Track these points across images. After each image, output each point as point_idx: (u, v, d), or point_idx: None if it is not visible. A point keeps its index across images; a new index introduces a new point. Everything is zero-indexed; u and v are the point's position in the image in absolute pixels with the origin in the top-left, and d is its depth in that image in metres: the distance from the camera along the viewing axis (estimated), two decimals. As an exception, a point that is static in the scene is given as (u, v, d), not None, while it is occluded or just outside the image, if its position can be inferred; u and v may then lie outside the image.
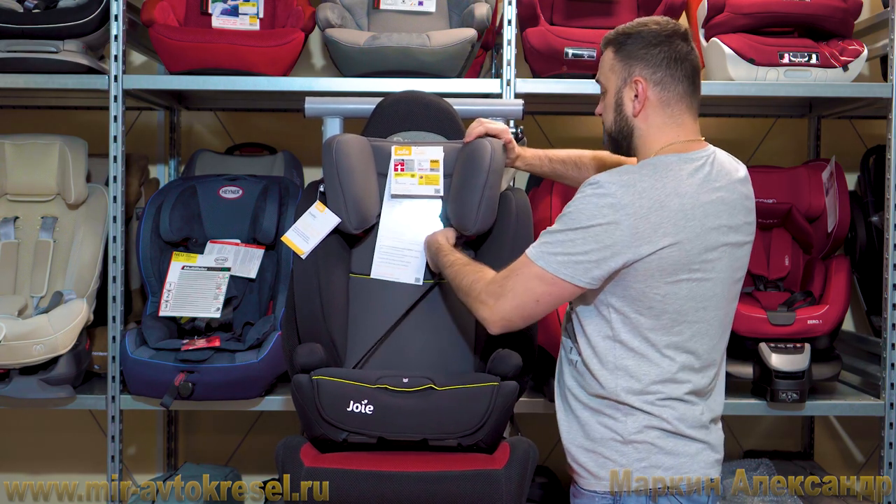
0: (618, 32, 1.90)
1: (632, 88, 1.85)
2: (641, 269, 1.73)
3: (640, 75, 1.84)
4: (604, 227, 1.72)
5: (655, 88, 1.84)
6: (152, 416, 3.38)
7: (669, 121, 1.86)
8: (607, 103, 1.91)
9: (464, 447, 1.90)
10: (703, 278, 1.76)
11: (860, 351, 3.08)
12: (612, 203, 1.72)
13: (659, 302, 1.74)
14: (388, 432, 1.87)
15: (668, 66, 1.84)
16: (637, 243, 1.71)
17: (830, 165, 2.99)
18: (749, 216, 1.85)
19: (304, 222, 2.18)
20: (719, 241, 1.77)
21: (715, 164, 1.83)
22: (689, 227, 1.73)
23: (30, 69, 2.76)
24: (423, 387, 1.88)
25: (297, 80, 2.80)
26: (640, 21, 1.90)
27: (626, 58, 1.86)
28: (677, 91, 1.86)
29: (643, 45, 1.85)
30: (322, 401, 1.87)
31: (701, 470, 1.78)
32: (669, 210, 1.72)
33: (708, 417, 1.82)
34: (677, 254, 1.73)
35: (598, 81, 1.94)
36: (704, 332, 1.79)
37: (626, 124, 1.87)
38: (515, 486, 1.83)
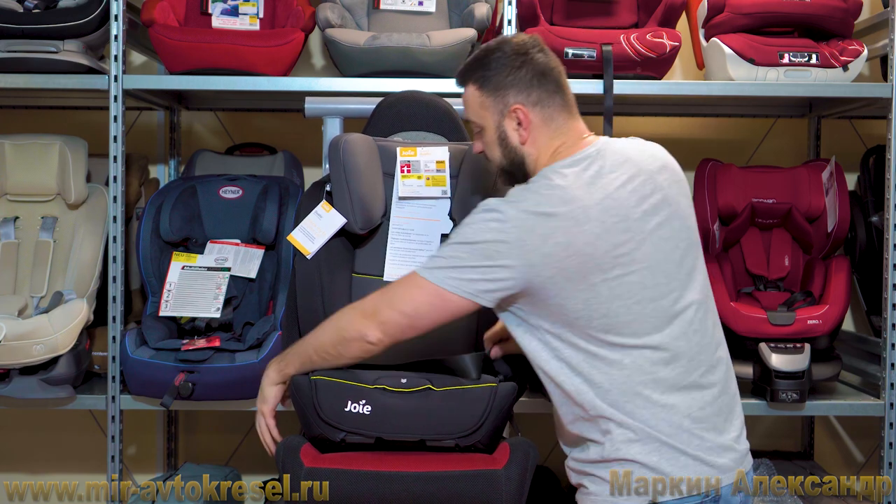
0: (473, 66, 1.86)
1: (512, 118, 1.82)
2: (548, 285, 1.70)
3: (517, 102, 1.81)
4: (490, 243, 1.71)
5: (535, 109, 1.82)
6: (152, 416, 3.39)
7: (555, 133, 1.83)
8: (488, 140, 1.87)
9: (462, 448, 1.90)
10: (623, 273, 1.72)
11: (860, 351, 3.08)
12: (499, 218, 1.71)
13: (582, 310, 1.71)
14: (386, 433, 1.87)
15: (539, 83, 1.81)
16: (528, 258, 1.69)
17: (830, 165, 2.99)
18: (669, 189, 1.80)
19: (309, 222, 2.18)
20: (632, 231, 1.73)
21: (608, 156, 1.78)
22: (587, 231, 1.70)
23: (30, 69, 2.76)
24: (422, 387, 1.89)
25: (297, 80, 2.80)
26: (486, 48, 1.86)
27: (494, 90, 1.83)
28: (555, 103, 1.83)
29: (507, 71, 1.82)
30: (320, 401, 1.87)
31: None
32: (559, 219, 1.70)
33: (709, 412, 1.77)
34: (579, 259, 1.69)
35: (470, 121, 1.90)
36: (653, 325, 1.74)
37: (515, 154, 1.85)
38: (515, 486, 1.83)
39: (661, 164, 1.83)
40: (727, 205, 2.99)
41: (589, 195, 1.72)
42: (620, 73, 2.77)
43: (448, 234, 2.24)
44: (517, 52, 1.83)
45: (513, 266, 1.70)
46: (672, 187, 1.82)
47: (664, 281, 1.75)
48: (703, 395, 1.77)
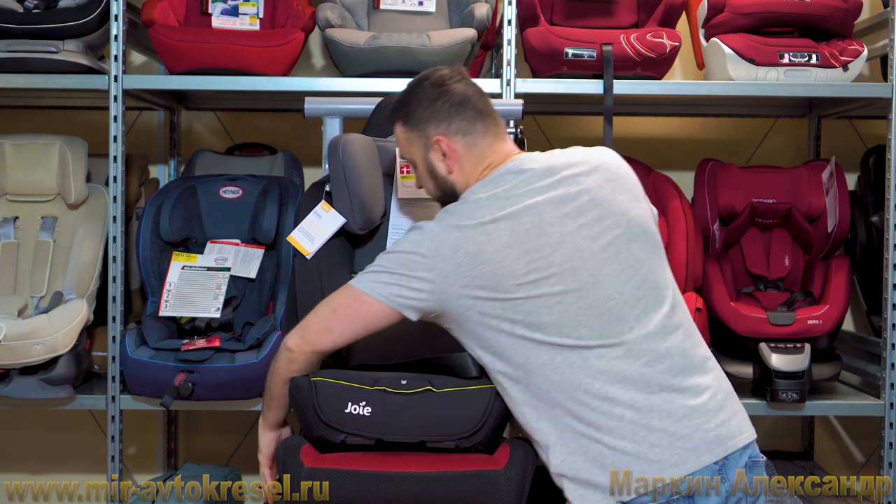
0: (396, 105, 1.94)
1: (437, 150, 1.89)
2: (464, 295, 1.76)
3: (438, 134, 1.88)
4: (409, 254, 1.79)
5: (457, 138, 1.88)
6: (152, 416, 3.39)
7: (480, 159, 1.89)
8: (420, 174, 1.95)
9: (462, 448, 1.90)
10: (539, 278, 1.75)
11: (860, 351, 3.08)
12: (419, 233, 1.80)
13: (503, 314, 1.76)
14: (387, 434, 1.87)
15: (457, 113, 1.88)
16: (442, 268, 1.76)
17: (830, 165, 2.99)
18: (600, 190, 1.83)
19: (309, 222, 2.19)
20: (547, 236, 1.77)
21: (526, 169, 1.84)
22: (494, 239, 1.76)
23: (30, 69, 2.76)
24: (422, 388, 1.88)
25: (297, 80, 2.80)
26: (409, 85, 1.95)
27: (416, 125, 1.90)
28: (476, 130, 1.89)
29: (425, 105, 1.89)
30: (320, 402, 1.87)
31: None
32: (468, 230, 1.76)
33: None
34: (490, 267, 1.75)
35: (404, 158, 1.99)
36: (581, 322, 1.76)
37: (445, 184, 1.92)
38: (515, 487, 1.83)
39: (590, 167, 1.86)
40: (727, 205, 2.99)
41: (500, 207, 1.79)
42: (620, 73, 2.77)
43: None
44: (435, 85, 1.91)
45: (429, 279, 1.77)
46: (604, 187, 1.84)
47: (591, 280, 1.77)
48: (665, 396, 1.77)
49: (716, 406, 1.78)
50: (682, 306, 1.87)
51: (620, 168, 1.91)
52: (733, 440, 1.77)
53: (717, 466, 1.74)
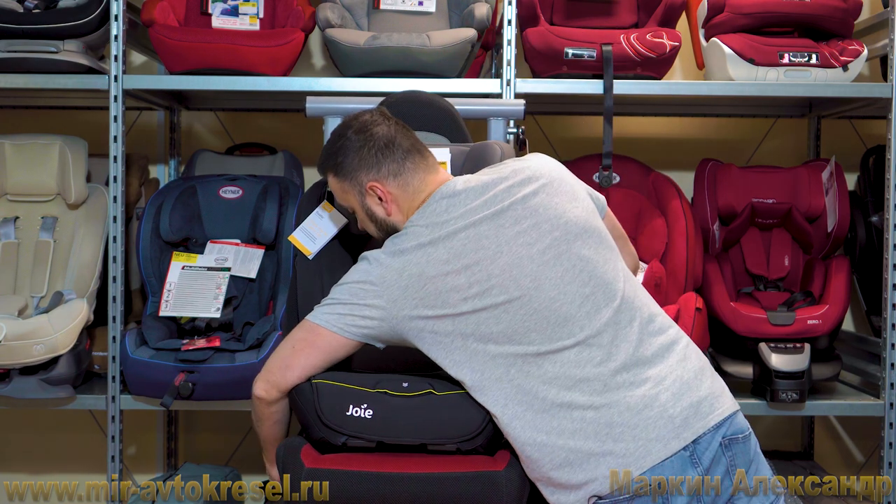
0: (325, 158, 1.97)
1: (372, 195, 1.92)
2: (416, 318, 1.80)
3: (370, 181, 1.91)
4: (358, 283, 1.83)
5: (389, 180, 1.91)
6: (152, 416, 3.39)
7: (414, 195, 1.92)
8: (361, 219, 1.99)
9: (463, 451, 1.90)
10: (482, 290, 1.78)
11: (860, 351, 3.08)
12: (367, 263, 1.84)
13: (453, 331, 1.79)
14: (388, 437, 1.87)
15: (384, 157, 1.91)
16: (389, 294, 1.80)
17: (830, 165, 3.00)
18: (536, 197, 1.85)
19: (311, 222, 2.19)
20: (484, 249, 1.80)
21: (458, 191, 1.87)
22: (434, 258, 1.80)
23: (30, 69, 2.76)
24: (423, 391, 1.88)
25: (297, 80, 2.80)
26: (333, 135, 1.98)
27: (347, 175, 1.93)
28: (406, 167, 1.92)
29: (352, 155, 1.92)
30: (321, 404, 1.87)
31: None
32: (409, 253, 1.81)
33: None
34: (434, 286, 1.78)
35: (343, 206, 2.03)
36: (531, 325, 1.77)
37: (387, 225, 1.95)
38: (516, 488, 1.83)
39: (523, 177, 1.88)
40: (727, 205, 2.99)
41: (437, 229, 1.83)
42: (620, 73, 2.77)
43: None
44: (358, 132, 1.93)
45: (378, 306, 1.81)
46: (538, 193, 1.86)
47: (533, 285, 1.79)
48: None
49: (680, 390, 1.77)
50: (638, 296, 1.86)
51: (553, 172, 1.92)
52: (702, 421, 1.76)
53: (687, 452, 1.74)
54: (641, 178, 3.01)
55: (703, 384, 1.81)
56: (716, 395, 1.80)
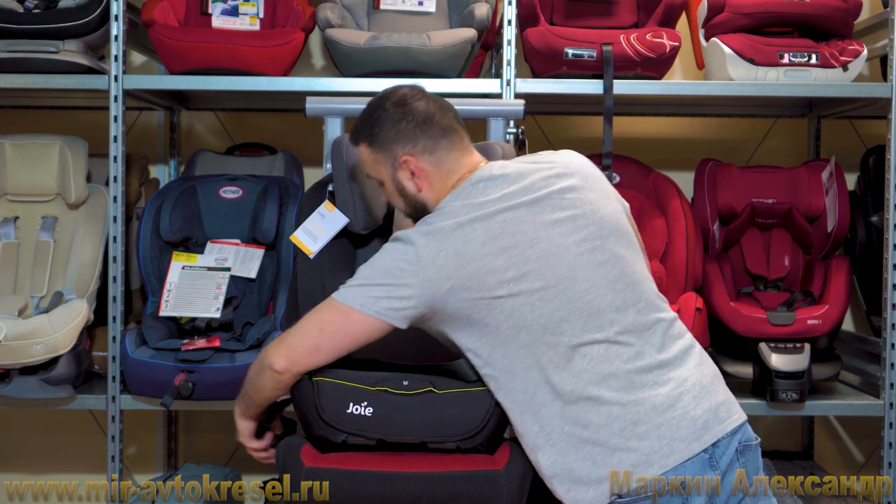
0: (360, 126, 1.94)
1: (404, 169, 1.89)
2: (450, 299, 1.76)
3: (405, 154, 1.88)
4: (393, 262, 1.79)
5: (424, 157, 1.89)
6: (152, 416, 3.38)
7: (448, 174, 1.90)
8: (389, 192, 1.95)
9: (463, 449, 1.90)
10: (518, 275, 1.76)
11: (860, 351, 3.08)
12: (400, 242, 1.79)
13: (489, 317, 1.77)
14: (388, 434, 1.87)
15: (422, 132, 1.88)
16: (426, 273, 1.76)
17: (830, 165, 3.00)
18: (573, 190, 1.85)
19: (312, 221, 2.19)
20: (522, 233, 1.78)
21: (496, 175, 1.85)
22: (472, 239, 1.77)
23: (30, 69, 2.76)
24: (424, 390, 1.88)
25: (297, 80, 2.80)
26: (370, 105, 1.95)
27: (382, 146, 1.90)
28: (442, 147, 1.89)
29: (389, 126, 1.89)
30: (322, 402, 1.87)
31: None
32: (445, 232, 1.77)
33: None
34: (472, 267, 1.75)
35: (371, 177, 1.98)
36: (564, 316, 1.76)
37: (416, 202, 1.92)
38: (516, 486, 1.83)
39: (560, 169, 1.88)
40: (727, 205, 2.99)
41: (475, 209, 1.80)
42: (620, 73, 2.77)
43: None
44: (397, 105, 1.90)
45: (416, 285, 1.77)
46: (575, 187, 1.86)
47: (569, 274, 1.78)
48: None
49: (700, 393, 1.79)
50: (661, 299, 1.88)
51: (587, 168, 1.93)
52: (721, 425, 1.77)
53: (707, 455, 1.74)
54: (641, 178, 3.01)
55: (720, 389, 1.84)
56: (731, 402, 1.84)
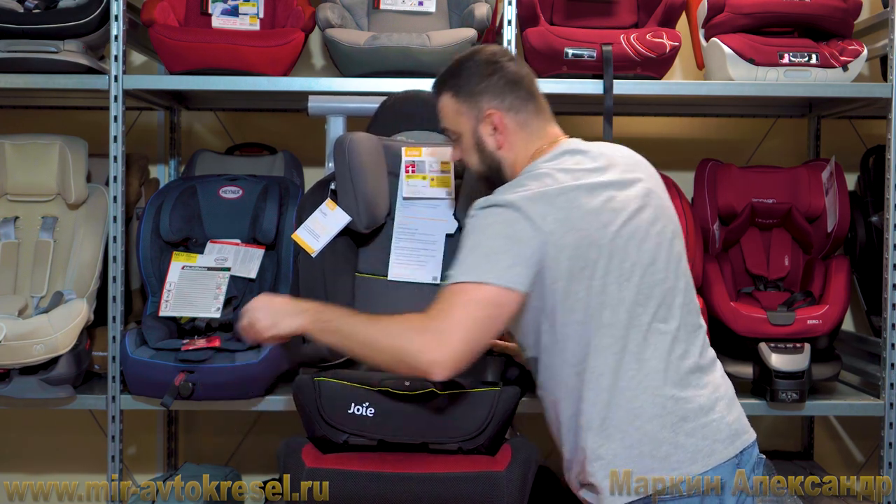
0: (446, 76, 1.91)
1: (487, 124, 1.86)
2: (554, 267, 1.71)
3: (491, 108, 1.85)
4: (504, 227, 1.71)
5: (509, 114, 1.86)
6: (152, 416, 3.38)
7: (530, 138, 1.88)
8: (465, 147, 1.90)
9: (465, 450, 1.90)
10: (613, 251, 1.75)
11: (860, 351, 3.08)
12: (501, 208, 1.72)
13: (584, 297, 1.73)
14: (389, 435, 1.87)
15: (511, 90, 1.86)
16: (538, 232, 1.70)
17: (830, 165, 2.99)
18: (647, 181, 1.87)
19: (314, 220, 2.19)
20: (615, 212, 1.76)
21: (583, 150, 1.85)
22: (577, 206, 1.73)
23: (30, 69, 2.75)
24: (425, 390, 1.88)
25: (298, 80, 2.80)
26: (459, 59, 1.91)
27: (468, 96, 1.87)
28: (528, 109, 1.88)
29: (478, 78, 1.86)
30: (323, 402, 1.87)
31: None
32: (550, 197, 1.73)
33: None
34: (577, 235, 1.72)
35: (447, 129, 1.93)
36: (640, 300, 1.76)
37: (492, 160, 1.88)
38: (517, 488, 1.83)
39: (635, 161, 1.91)
40: (727, 205, 2.99)
41: (574, 179, 1.77)
42: (620, 73, 2.77)
43: (453, 234, 2.24)
44: (488, 61, 1.88)
45: (533, 246, 1.70)
46: (649, 181, 1.88)
47: (650, 261, 1.78)
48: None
49: (730, 402, 1.83)
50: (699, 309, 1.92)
51: (651, 168, 1.96)
52: (746, 434, 1.82)
53: (736, 460, 1.77)
54: (641, 177, 3.01)
55: (738, 402, 1.88)
56: (745, 416, 1.88)
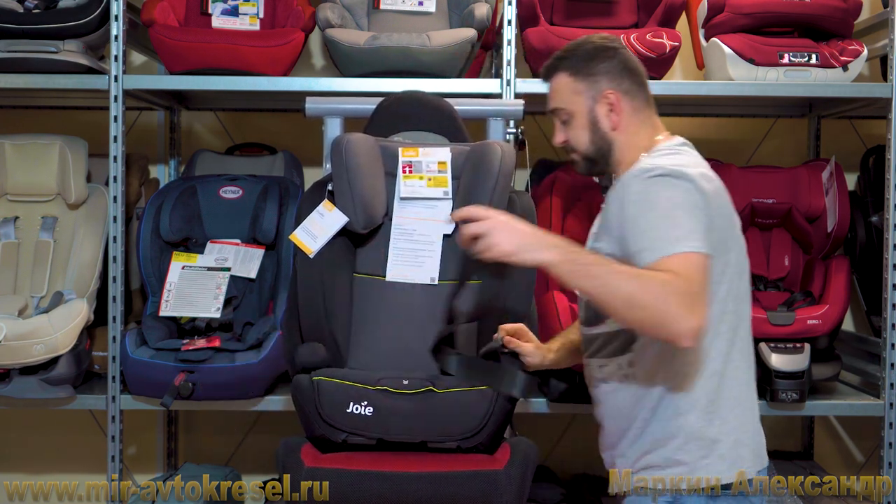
0: (563, 56, 1.89)
1: (604, 104, 1.85)
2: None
3: (610, 89, 1.85)
4: (686, 192, 1.67)
5: (625, 98, 1.86)
6: (152, 416, 3.38)
7: (643, 124, 1.88)
8: (578, 125, 1.88)
9: (463, 449, 1.90)
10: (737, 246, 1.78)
11: (860, 351, 3.08)
12: (679, 177, 1.69)
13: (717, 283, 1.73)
14: (388, 434, 1.87)
15: (628, 75, 1.87)
16: (707, 206, 1.69)
17: (830, 165, 2.99)
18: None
19: (312, 220, 2.19)
20: (732, 211, 1.80)
21: (693, 148, 1.88)
22: (723, 193, 1.78)
23: (30, 69, 2.76)
24: (423, 389, 1.88)
25: (297, 80, 2.80)
26: (574, 43, 1.91)
27: (588, 75, 1.86)
28: (641, 97, 1.89)
29: (598, 60, 1.86)
30: (322, 401, 1.87)
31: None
32: (703, 180, 1.72)
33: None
34: (723, 221, 1.74)
35: (558, 109, 1.90)
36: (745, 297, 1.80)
37: (604, 141, 1.86)
38: (516, 487, 1.83)
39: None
40: (727, 205, 2.99)
41: (709, 171, 1.79)
42: (620, 73, 2.76)
43: (450, 234, 2.24)
44: (606, 46, 1.88)
45: (705, 215, 1.68)
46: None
47: (746, 260, 1.81)
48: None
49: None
50: None
51: None
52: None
53: (769, 463, 1.82)
54: (641, 178, 3.01)
55: None
56: None
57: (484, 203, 2.13)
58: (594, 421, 1.89)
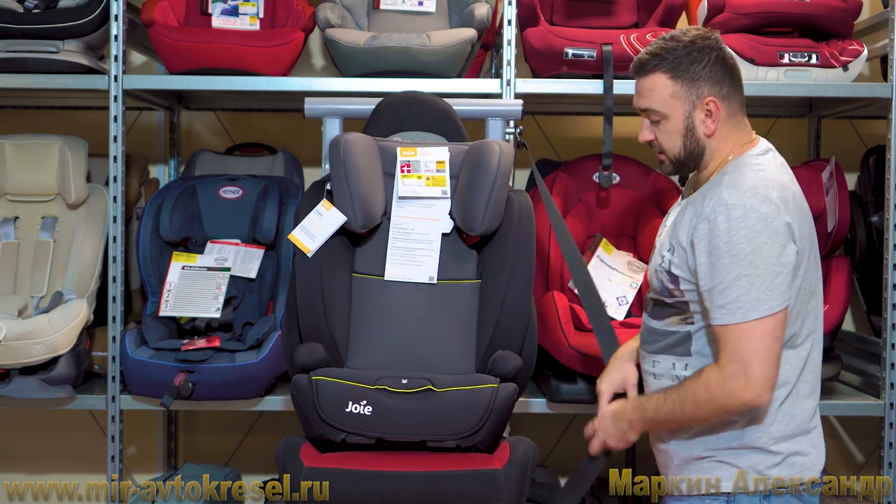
0: (662, 55, 1.81)
1: (702, 110, 1.80)
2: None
3: (712, 95, 1.80)
4: (770, 236, 1.69)
5: (724, 103, 1.82)
6: (152, 416, 3.39)
7: (735, 128, 1.84)
8: (672, 129, 1.83)
9: (463, 448, 1.90)
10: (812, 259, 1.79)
11: (860, 351, 3.08)
12: (755, 213, 1.70)
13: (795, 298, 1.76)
14: (387, 433, 1.87)
15: (729, 79, 1.82)
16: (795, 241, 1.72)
17: (830, 165, 2.99)
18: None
19: (310, 220, 2.19)
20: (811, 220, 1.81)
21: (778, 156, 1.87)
22: (803, 206, 1.78)
23: (30, 69, 2.76)
24: (422, 388, 1.89)
25: (297, 80, 2.80)
26: (672, 38, 1.82)
27: (689, 80, 1.79)
28: (737, 101, 1.85)
29: (703, 63, 1.79)
30: (321, 401, 1.87)
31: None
32: (786, 196, 1.74)
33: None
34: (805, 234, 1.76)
35: (649, 109, 1.84)
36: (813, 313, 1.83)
37: (697, 146, 1.83)
38: (515, 486, 1.84)
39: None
40: (727, 205, 2.99)
41: (791, 180, 1.80)
42: (620, 73, 2.76)
43: (449, 233, 2.24)
44: (709, 46, 1.81)
45: (793, 253, 1.71)
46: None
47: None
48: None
49: None
50: None
51: None
52: None
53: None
54: (641, 178, 3.01)
55: None
56: None
57: (482, 201, 2.13)
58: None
